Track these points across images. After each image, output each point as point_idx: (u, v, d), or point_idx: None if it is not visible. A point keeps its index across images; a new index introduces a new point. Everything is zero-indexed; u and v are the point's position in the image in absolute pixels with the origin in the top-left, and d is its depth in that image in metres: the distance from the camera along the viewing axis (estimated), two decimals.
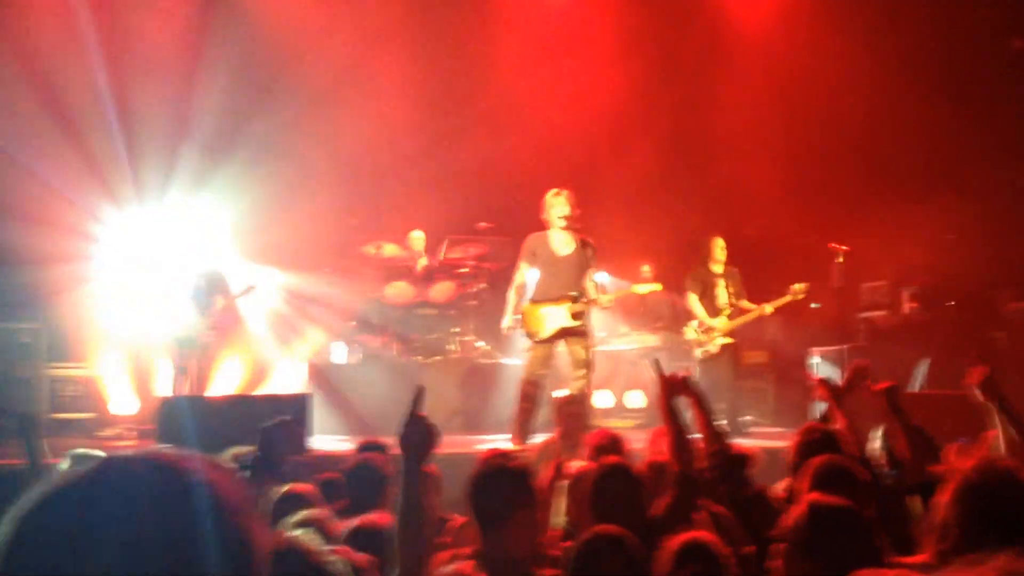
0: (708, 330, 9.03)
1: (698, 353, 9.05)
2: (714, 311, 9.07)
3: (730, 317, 9.05)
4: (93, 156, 10.09)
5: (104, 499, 1.03)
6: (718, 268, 9.16)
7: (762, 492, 3.79)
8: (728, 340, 9.01)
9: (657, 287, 8.40)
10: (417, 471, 2.53)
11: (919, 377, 9.62)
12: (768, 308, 8.98)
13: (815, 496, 2.85)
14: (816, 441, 3.96)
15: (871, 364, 4.56)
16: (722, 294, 9.10)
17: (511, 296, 7.86)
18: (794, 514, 2.72)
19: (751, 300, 9.13)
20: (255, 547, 1.08)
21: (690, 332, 9.16)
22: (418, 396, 2.56)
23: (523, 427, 7.53)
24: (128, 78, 10.13)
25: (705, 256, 9.18)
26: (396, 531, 2.53)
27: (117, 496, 1.03)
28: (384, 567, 2.71)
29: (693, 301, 9.14)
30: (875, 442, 4.40)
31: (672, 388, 4.00)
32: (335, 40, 11.20)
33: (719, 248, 9.16)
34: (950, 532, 2.44)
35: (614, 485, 3.55)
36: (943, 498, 2.50)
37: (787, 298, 8.93)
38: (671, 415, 3.90)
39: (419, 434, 2.52)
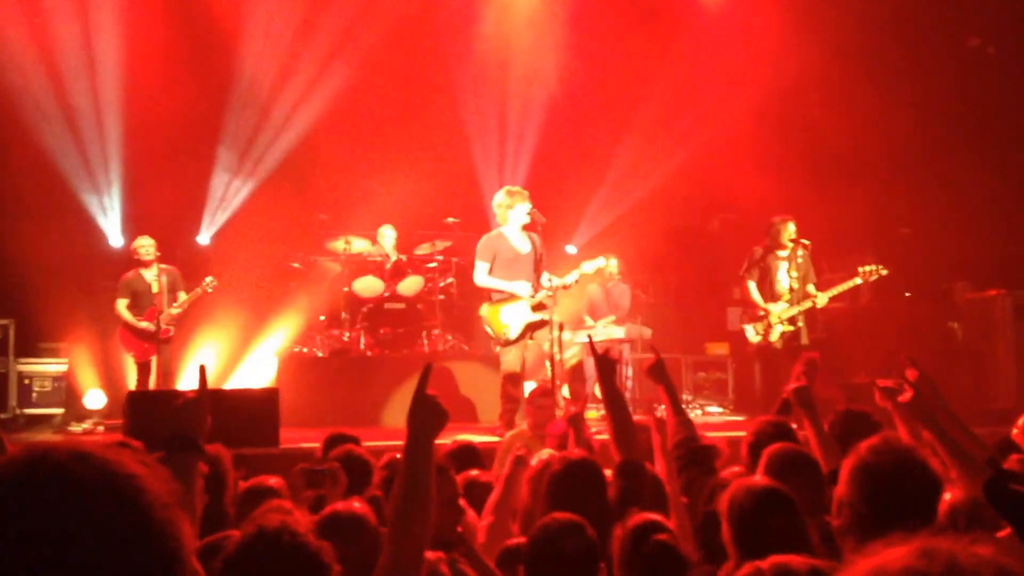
0: (764, 315, 8.53)
1: (754, 339, 8.61)
2: (773, 297, 8.55)
3: (791, 302, 8.47)
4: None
5: (26, 488, 1.02)
6: (782, 252, 8.57)
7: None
8: (789, 328, 8.45)
9: (601, 261, 8.40)
10: (425, 453, 2.33)
11: None
12: (822, 299, 8.34)
13: (749, 479, 2.94)
14: (769, 435, 3.78)
15: (819, 357, 4.52)
16: (783, 278, 8.54)
17: (491, 284, 7.79)
18: (728, 495, 2.79)
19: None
20: (178, 541, 1.07)
21: (751, 334, 8.65)
22: (425, 374, 2.40)
23: (510, 421, 7.66)
24: None
25: (769, 239, 8.64)
26: (390, 519, 2.34)
27: (40, 486, 1.02)
28: (356, 557, 2.62)
29: (750, 288, 8.67)
30: None
31: (606, 370, 3.93)
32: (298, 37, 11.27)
33: (787, 231, 8.53)
34: (844, 510, 2.50)
35: (575, 480, 3.51)
36: (841, 476, 2.57)
37: (855, 281, 8.33)
38: (610, 401, 3.89)
39: (426, 413, 2.36)
